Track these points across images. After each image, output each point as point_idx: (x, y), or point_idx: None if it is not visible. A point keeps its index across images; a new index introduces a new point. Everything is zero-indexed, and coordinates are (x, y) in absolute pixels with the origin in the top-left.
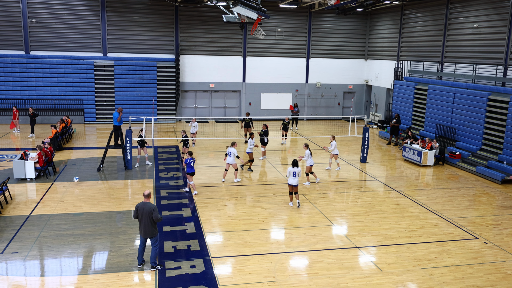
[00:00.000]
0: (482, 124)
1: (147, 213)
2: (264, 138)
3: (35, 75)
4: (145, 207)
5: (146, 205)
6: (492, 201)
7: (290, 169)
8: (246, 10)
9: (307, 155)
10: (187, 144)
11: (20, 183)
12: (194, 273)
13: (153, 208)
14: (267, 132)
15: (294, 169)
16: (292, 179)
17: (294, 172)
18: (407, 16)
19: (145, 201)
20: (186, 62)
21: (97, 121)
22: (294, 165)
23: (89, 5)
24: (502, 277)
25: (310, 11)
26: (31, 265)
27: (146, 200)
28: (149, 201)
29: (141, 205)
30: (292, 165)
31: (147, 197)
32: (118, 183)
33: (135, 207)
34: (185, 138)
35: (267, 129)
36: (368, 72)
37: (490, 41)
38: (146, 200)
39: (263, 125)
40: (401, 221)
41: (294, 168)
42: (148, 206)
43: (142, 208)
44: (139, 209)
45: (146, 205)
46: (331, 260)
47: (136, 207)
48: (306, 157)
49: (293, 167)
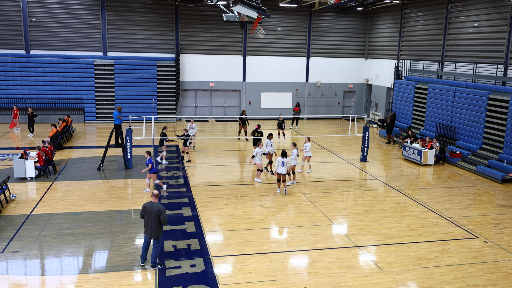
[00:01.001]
0: (483, 123)
1: (154, 214)
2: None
3: (35, 75)
4: (153, 207)
5: (154, 205)
6: (493, 200)
7: (279, 159)
8: (246, 9)
9: (294, 154)
10: (187, 143)
11: (20, 182)
12: (194, 272)
13: (162, 209)
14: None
15: (283, 159)
16: (281, 168)
17: (283, 162)
18: (407, 15)
19: (153, 201)
20: (186, 61)
21: (97, 120)
22: (284, 156)
23: (89, 4)
24: (502, 276)
25: (310, 10)
26: (32, 264)
27: (154, 200)
28: (157, 201)
29: (149, 205)
30: (282, 155)
31: (155, 197)
32: (118, 182)
33: (142, 206)
34: (186, 136)
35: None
36: (368, 71)
37: (490, 40)
38: (154, 200)
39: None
40: (401, 220)
41: (283, 158)
42: (156, 207)
43: (150, 208)
44: (146, 208)
45: (154, 205)
46: (331, 259)
47: (144, 206)
48: (293, 156)
49: (282, 157)
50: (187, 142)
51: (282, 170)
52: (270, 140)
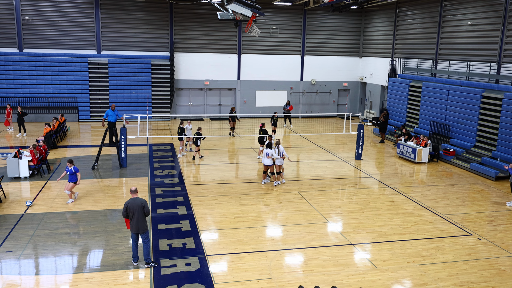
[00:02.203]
0: (476, 121)
1: (139, 208)
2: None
3: (28, 73)
4: (136, 202)
5: (136, 200)
6: (486, 197)
7: (265, 150)
8: (240, 7)
9: (280, 152)
10: (197, 143)
11: (14, 181)
12: (189, 271)
13: (144, 202)
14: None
15: (267, 151)
16: (265, 159)
17: (267, 153)
18: (401, 14)
19: (134, 197)
20: (180, 59)
21: (91, 119)
22: (268, 147)
23: (83, 2)
24: (496, 273)
25: (304, 8)
26: (26, 264)
27: (134, 196)
28: (137, 196)
29: (131, 202)
30: (266, 147)
31: (134, 193)
32: (113, 181)
33: (124, 205)
34: (199, 135)
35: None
36: (363, 70)
37: (484, 38)
38: (134, 196)
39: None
40: (396, 218)
41: (267, 149)
42: (139, 201)
43: (133, 204)
44: (130, 205)
45: (136, 200)
46: (326, 257)
47: (126, 205)
48: (276, 155)
49: (266, 148)
50: (198, 141)
51: (266, 161)
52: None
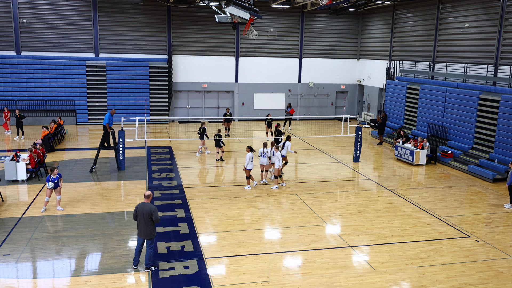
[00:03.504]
0: (474, 123)
1: (146, 214)
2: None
3: (26, 76)
4: (145, 207)
5: (145, 206)
6: (484, 199)
7: (260, 149)
8: (238, 10)
9: (248, 157)
10: (219, 144)
11: (11, 184)
12: (187, 274)
13: (153, 209)
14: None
15: (263, 150)
16: (262, 158)
17: (264, 153)
18: (398, 16)
19: (144, 202)
20: (178, 62)
21: (89, 122)
22: (264, 147)
23: (80, 5)
24: (494, 274)
25: (302, 11)
26: (23, 267)
27: (146, 201)
28: (149, 202)
29: (141, 206)
30: (263, 146)
31: (147, 198)
32: (111, 184)
33: (135, 207)
34: (219, 137)
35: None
36: (361, 72)
37: (481, 40)
38: (146, 201)
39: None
40: (394, 220)
41: (264, 148)
42: (148, 207)
43: (142, 209)
44: (138, 209)
45: (145, 206)
46: (325, 259)
47: (136, 208)
48: (247, 159)
49: (263, 147)
50: (220, 143)
51: (263, 160)
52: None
